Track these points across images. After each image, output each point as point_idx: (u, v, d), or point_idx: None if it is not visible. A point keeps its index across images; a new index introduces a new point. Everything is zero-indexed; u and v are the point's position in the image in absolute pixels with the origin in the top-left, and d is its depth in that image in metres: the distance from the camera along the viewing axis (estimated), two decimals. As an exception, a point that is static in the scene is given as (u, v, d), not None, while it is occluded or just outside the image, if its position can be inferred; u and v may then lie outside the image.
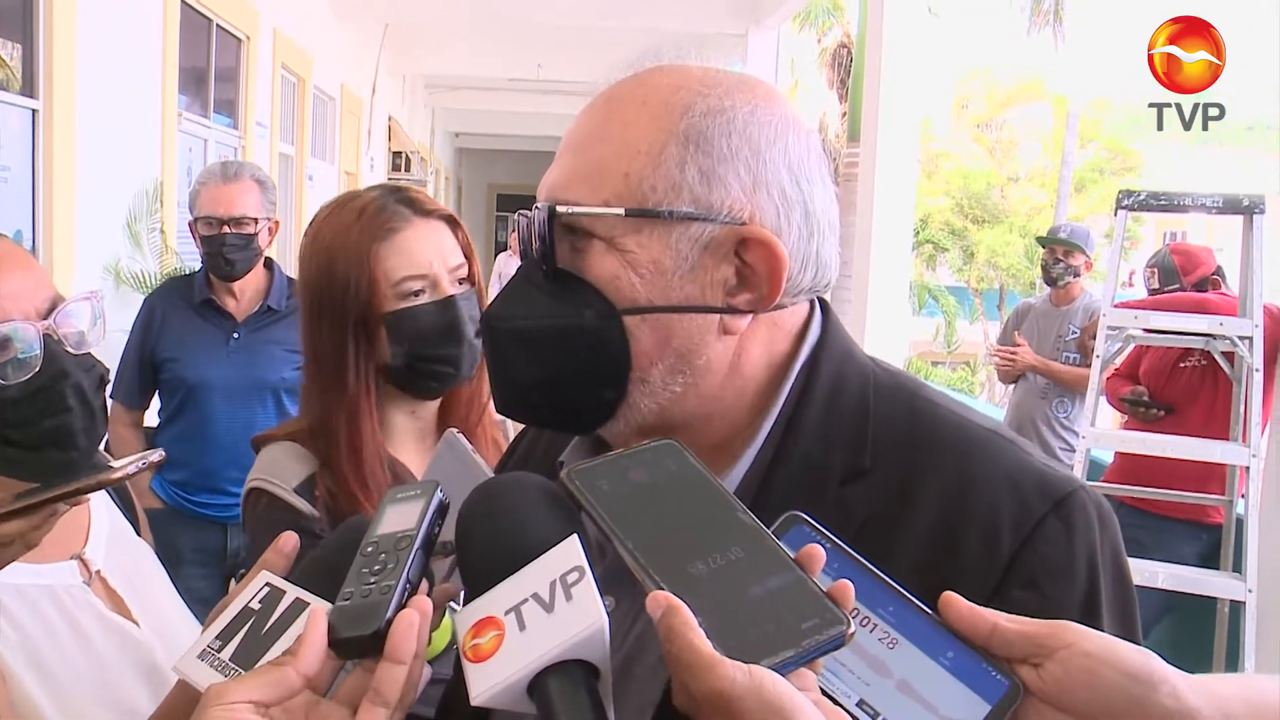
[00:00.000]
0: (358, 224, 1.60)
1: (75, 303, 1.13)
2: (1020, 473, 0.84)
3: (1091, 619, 0.80)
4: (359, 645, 0.71)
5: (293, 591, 0.80)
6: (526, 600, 0.68)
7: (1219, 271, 4.55)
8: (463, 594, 0.78)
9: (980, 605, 0.70)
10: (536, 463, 1.00)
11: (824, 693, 0.65)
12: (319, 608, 0.74)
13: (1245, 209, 3.81)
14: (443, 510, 0.80)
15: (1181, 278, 4.50)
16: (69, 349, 1.10)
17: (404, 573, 0.73)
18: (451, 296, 1.62)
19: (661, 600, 0.63)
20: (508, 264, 10.70)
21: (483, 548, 0.75)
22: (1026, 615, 0.69)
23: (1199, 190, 4.06)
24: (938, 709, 0.67)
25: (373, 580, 0.74)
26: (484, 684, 0.66)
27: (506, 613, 0.68)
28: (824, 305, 0.95)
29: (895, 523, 0.82)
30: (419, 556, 0.76)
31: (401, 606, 0.71)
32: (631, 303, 0.85)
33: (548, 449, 1.04)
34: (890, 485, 0.84)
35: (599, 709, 0.65)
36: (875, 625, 0.70)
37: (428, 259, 1.61)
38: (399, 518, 0.79)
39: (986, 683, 0.67)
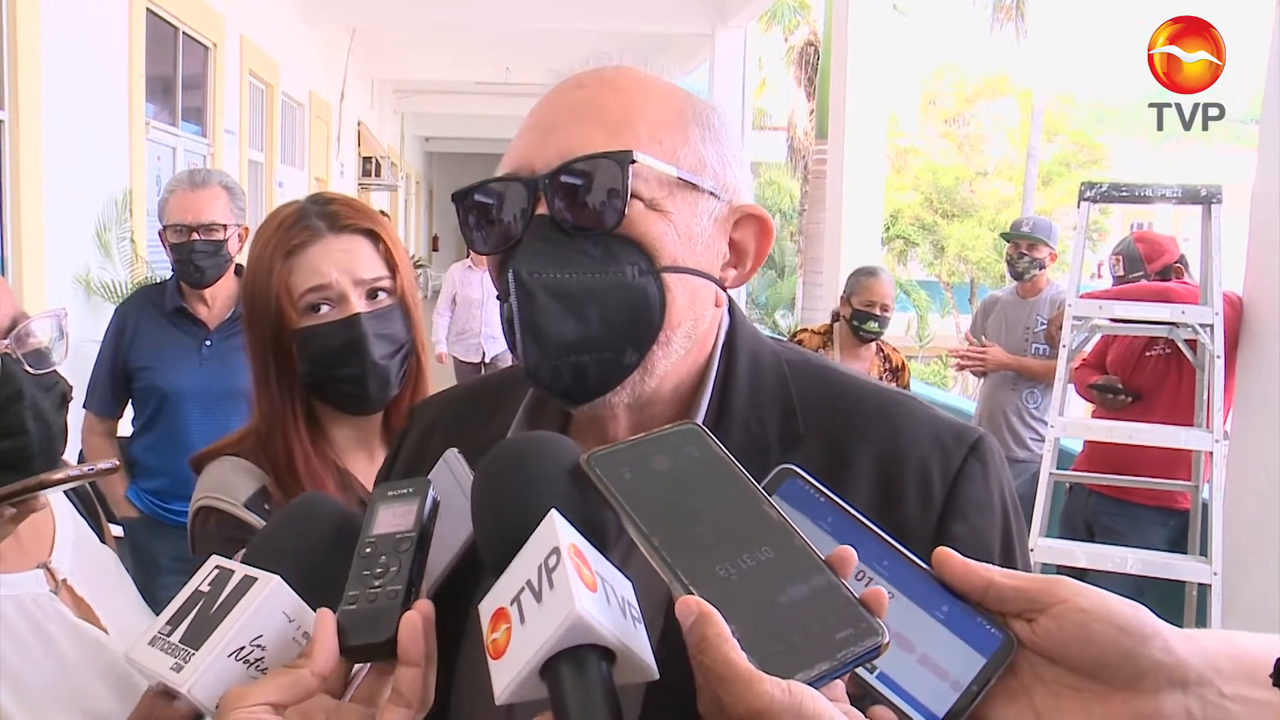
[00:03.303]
0: (274, 237, 1.58)
1: (37, 320, 1.11)
2: (937, 425, 0.94)
3: (1008, 545, 0.91)
4: (370, 651, 0.72)
5: (241, 569, 0.79)
6: (523, 589, 0.66)
7: (1182, 260, 4.60)
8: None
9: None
10: (432, 458, 0.97)
11: None
12: (325, 610, 0.74)
13: (1203, 199, 3.87)
14: (435, 507, 0.81)
15: (1145, 265, 4.55)
16: (28, 368, 1.08)
17: (408, 575, 0.74)
18: (355, 315, 1.56)
19: (693, 607, 0.61)
20: (465, 278, 7.82)
21: (489, 529, 0.74)
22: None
23: (1161, 181, 4.12)
24: (934, 661, 0.67)
25: (377, 584, 0.74)
26: (501, 681, 0.64)
27: (511, 604, 0.66)
28: (728, 295, 1.01)
29: (836, 480, 0.84)
30: (419, 557, 0.77)
31: (406, 609, 0.72)
32: (671, 261, 0.90)
33: (446, 444, 1.02)
34: (826, 447, 0.91)
35: (608, 694, 0.63)
36: (871, 579, 0.70)
37: (329, 272, 1.56)
38: (394, 518, 0.79)
39: (981, 636, 0.67)
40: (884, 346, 4.86)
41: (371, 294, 1.59)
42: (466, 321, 7.81)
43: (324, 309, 1.56)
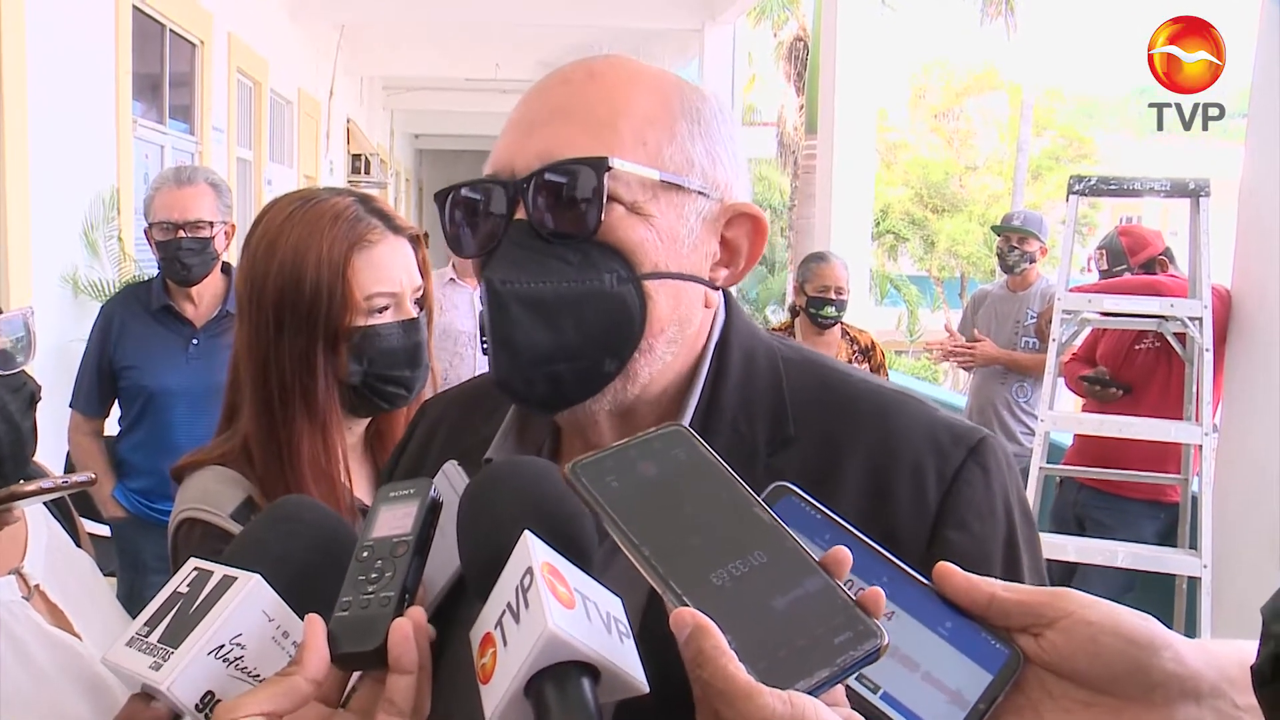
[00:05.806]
0: (334, 229, 1.51)
1: (2, 320, 1.09)
2: (934, 426, 0.90)
3: (1012, 554, 0.87)
4: (361, 660, 0.71)
5: (220, 570, 0.78)
6: (504, 612, 0.65)
7: (1167, 253, 4.62)
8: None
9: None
10: (432, 465, 0.97)
11: None
12: (315, 616, 0.72)
13: (1191, 192, 3.89)
14: (436, 509, 0.79)
15: (1129, 259, 4.56)
16: None
17: (402, 582, 0.72)
18: (415, 319, 1.57)
19: (688, 619, 0.60)
20: (447, 298, 5.11)
21: (469, 556, 0.74)
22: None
23: (1149, 175, 4.13)
24: (939, 680, 0.66)
25: (371, 590, 0.73)
26: (489, 706, 0.63)
27: (495, 627, 0.65)
28: (725, 290, 0.99)
29: (827, 484, 0.84)
30: (415, 562, 0.75)
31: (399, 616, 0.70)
32: (653, 267, 0.87)
33: (445, 448, 1.02)
34: (817, 450, 0.88)
35: (592, 711, 0.62)
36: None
37: (398, 277, 1.55)
38: (393, 520, 0.77)
39: (986, 652, 0.66)
40: (849, 329, 4.80)
41: (415, 300, 1.59)
42: (452, 365, 5.15)
43: (387, 310, 1.54)
